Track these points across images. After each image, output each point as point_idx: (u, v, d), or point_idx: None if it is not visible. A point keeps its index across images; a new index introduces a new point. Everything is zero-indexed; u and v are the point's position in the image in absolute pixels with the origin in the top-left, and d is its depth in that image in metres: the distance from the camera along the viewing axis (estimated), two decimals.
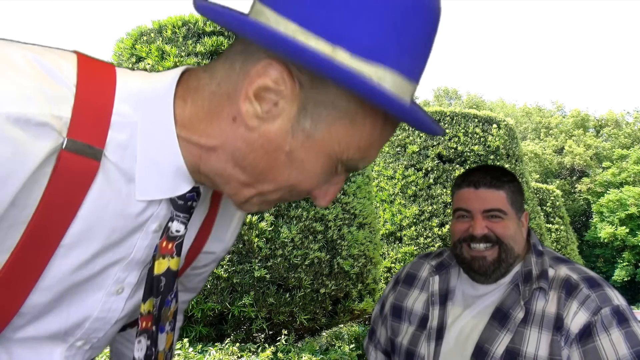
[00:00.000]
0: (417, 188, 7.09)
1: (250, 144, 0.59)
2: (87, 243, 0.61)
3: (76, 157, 0.56)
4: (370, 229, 4.79)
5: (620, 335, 1.20)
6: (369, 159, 0.64)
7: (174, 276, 0.68)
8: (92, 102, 0.58)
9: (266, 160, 0.60)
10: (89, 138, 0.57)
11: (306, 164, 0.60)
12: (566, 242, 12.16)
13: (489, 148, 7.48)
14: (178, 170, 0.62)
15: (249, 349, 3.95)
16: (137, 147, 0.60)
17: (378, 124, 0.60)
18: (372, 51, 0.55)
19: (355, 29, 0.54)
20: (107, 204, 0.61)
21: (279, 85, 0.57)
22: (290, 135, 0.58)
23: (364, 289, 4.63)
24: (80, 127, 0.56)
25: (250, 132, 0.59)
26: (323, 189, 0.65)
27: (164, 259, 0.66)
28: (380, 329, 1.59)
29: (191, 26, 4.38)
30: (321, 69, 0.54)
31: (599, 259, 30.26)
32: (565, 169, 35.75)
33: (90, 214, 0.60)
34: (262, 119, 0.58)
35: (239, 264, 3.91)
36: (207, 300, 3.91)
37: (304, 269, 4.09)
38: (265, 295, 3.96)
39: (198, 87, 0.62)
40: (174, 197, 0.64)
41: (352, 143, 0.60)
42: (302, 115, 0.58)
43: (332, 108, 0.58)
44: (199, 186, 0.66)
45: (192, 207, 0.66)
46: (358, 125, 0.59)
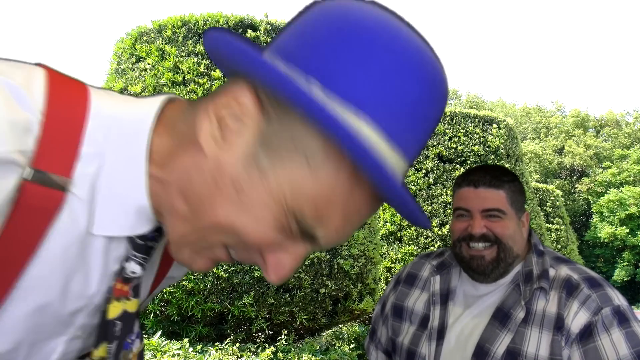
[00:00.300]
0: (417, 188, 7.09)
1: (199, 168, 0.54)
2: (48, 286, 0.57)
3: (40, 188, 0.52)
4: (370, 229, 4.79)
5: (621, 335, 1.20)
6: (331, 228, 0.53)
7: (133, 318, 0.62)
8: (60, 130, 0.53)
9: (211, 189, 0.53)
10: (55, 168, 0.53)
11: (255, 206, 0.52)
12: (566, 242, 12.16)
13: (489, 148, 7.48)
14: (141, 209, 0.57)
15: (249, 349, 3.95)
16: (102, 180, 0.56)
17: (341, 178, 0.51)
18: (348, 93, 0.49)
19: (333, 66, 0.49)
20: (71, 243, 0.56)
21: (244, 110, 0.52)
22: (244, 168, 0.52)
23: (364, 289, 4.63)
24: (47, 156, 0.52)
25: (204, 156, 0.53)
26: (276, 256, 0.55)
27: (118, 301, 0.61)
28: (381, 329, 1.59)
29: (191, 26, 4.37)
30: (286, 91, 0.48)
31: (599, 259, 30.27)
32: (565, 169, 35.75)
33: (52, 252, 0.55)
34: (218, 143, 0.53)
35: (239, 264, 3.91)
36: (207, 300, 3.90)
37: (304, 269, 4.09)
38: (265, 295, 3.96)
39: (177, 121, 0.57)
40: (134, 235, 0.59)
41: (307, 195, 0.51)
42: (262, 150, 0.51)
43: (294, 148, 0.50)
44: (160, 226, 0.61)
45: (151, 247, 0.61)
46: (317, 173, 0.50)
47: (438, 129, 7.33)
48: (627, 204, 28.25)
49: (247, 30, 4.29)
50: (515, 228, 1.37)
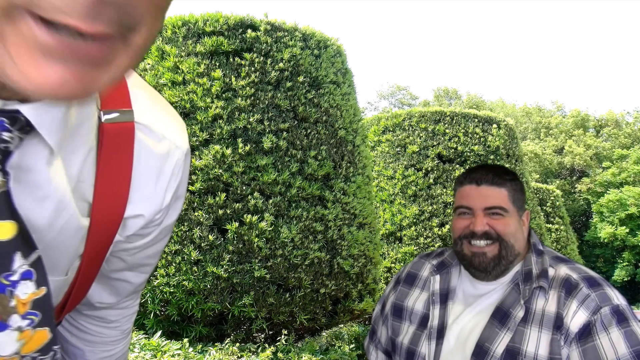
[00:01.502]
0: (417, 188, 7.09)
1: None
2: None
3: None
4: (370, 229, 4.79)
5: (620, 335, 1.20)
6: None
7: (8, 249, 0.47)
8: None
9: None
10: None
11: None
12: (566, 242, 12.16)
13: (489, 148, 7.48)
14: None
15: (249, 349, 3.95)
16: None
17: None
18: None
19: None
20: None
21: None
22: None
23: (364, 289, 4.63)
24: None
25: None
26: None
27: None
28: (381, 328, 1.59)
29: (191, 26, 4.38)
30: None
31: (599, 259, 30.25)
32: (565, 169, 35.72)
33: None
34: None
35: (239, 264, 3.92)
36: (207, 300, 3.91)
37: (304, 269, 4.09)
38: (265, 295, 3.96)
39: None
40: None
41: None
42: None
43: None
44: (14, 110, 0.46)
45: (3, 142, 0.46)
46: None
47: (438, 128, 7.33)
48: (627, 204, 28.23)
49: (247, 30, 4.30)
50: (516, 226, 1.38)
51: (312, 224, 4.15)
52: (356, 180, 4.60)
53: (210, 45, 4.22)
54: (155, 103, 0.69)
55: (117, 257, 0.73)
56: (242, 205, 3.92)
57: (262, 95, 4.14)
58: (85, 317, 0.85)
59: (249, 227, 3.91)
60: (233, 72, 4.16)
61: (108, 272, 0.76)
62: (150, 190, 0.66)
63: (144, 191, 0.65)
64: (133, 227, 0.67)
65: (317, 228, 4.16)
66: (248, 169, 3.97)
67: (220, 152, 3.93)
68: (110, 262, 0.74)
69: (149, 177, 0.66)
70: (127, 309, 0.87)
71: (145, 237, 0.71)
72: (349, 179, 4.52)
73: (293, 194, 4.06)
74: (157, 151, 0.66)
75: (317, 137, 4.30)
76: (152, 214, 0.68)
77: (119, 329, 0.87)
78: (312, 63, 4.42)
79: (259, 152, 4.02)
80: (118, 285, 0.79)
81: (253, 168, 3.97)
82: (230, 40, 4.24)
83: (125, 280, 0.79)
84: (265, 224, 3.93)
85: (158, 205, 0.68)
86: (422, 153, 7.26)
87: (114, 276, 0.78)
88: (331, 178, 4.34)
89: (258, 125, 4.05)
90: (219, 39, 4.23)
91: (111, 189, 0.60)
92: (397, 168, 7.26)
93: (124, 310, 0.86)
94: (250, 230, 3.91)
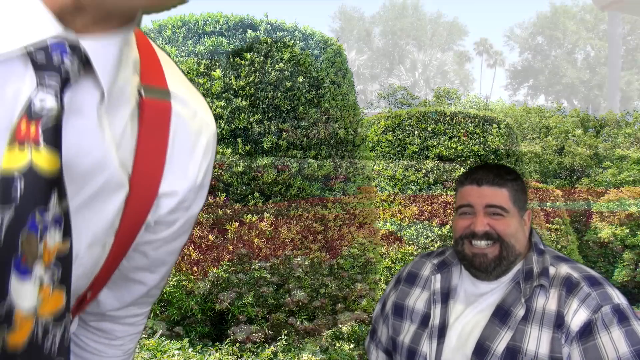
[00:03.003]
0: (417, 188, 7.08)
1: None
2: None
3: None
4: (370, 229, 4.79)
5: (621, 334, 1.20)
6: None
7: (46, 183, 0.44)
8: None
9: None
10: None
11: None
12: (566, 242, 12.15)
13: (489, 148, 7.48)
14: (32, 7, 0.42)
15: (249, 349, 3.94)
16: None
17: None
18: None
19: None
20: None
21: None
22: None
23: (364, 289, 4.63)
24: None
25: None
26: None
27: (22, 149, 0.44)
28: (382, 328, 1.59)
29: (191, 26, 4.37)
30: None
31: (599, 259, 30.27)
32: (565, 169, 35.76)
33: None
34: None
35: (239, 264, 3.91)
36: (207, 300, 3.90)
37: (304, 269, 4.09)
38: (266, 296, 3.96)
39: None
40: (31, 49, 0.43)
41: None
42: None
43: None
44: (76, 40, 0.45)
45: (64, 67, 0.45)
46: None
47: (438, 128, 7.33)
48: (627, 204, 28.26)
49: (247, 30, 4.29)
50: (517, 226, 1.37)
51: (312, 224, 4.15)
52: (356, 180, 4.60)
53: (210, 45, 4.22)
54: (185, 80, 0.69)
55: (141, 251, 0.70)
56: (242, 205, 3.92)
57: (262, 95, 4.14)
58: (89, 331, 0.81)
59: (249, 226, 3.91)
60: (233, 72, 4.16)
61: (127, 270, 0.73)
62: (184, 166, 0.65)
63: (179, 167, 0.64)
64: (165, 207, 0.65)
65: (317, 228, 4.16)
66: (248, 169, 3.97)
67: (220, 152, 3.93)
68: (131, 259, 0.71)
69: (184, 153, 0.64)
70: (134, 326, 0.83)
71: (170, 227, 0.68)
72: (349, 179, 4.52)
73: (293, 194, 4.06)
74: (191, 126, 0.65)
75: (317, 137, 4.30)
76: (186, 191, 0.66)
77: (122, 349, 0.83)
78: (312, 63, 4.42)
79: (259, 152, 4.02)
80: (131, 286, 0.76)
81: (253, 168, 3.97)
82: (230, 40, 4.24)
83: (140, 282, 0.76)
84: (265, 223, 3.93)
85: (191, 182, 0.66)
86: (422, 153, 7.26)
87: (131, 275, 0.74)
88: (331, 178, 4.34)
89: (258, 125, 4.05)
90: (219, 39, 4.23)
91: (148, 163, 0.59)
92: (397, 168, 7.26)
93: (130, 327, 0.82)
94: (250, 230, 3.91)
